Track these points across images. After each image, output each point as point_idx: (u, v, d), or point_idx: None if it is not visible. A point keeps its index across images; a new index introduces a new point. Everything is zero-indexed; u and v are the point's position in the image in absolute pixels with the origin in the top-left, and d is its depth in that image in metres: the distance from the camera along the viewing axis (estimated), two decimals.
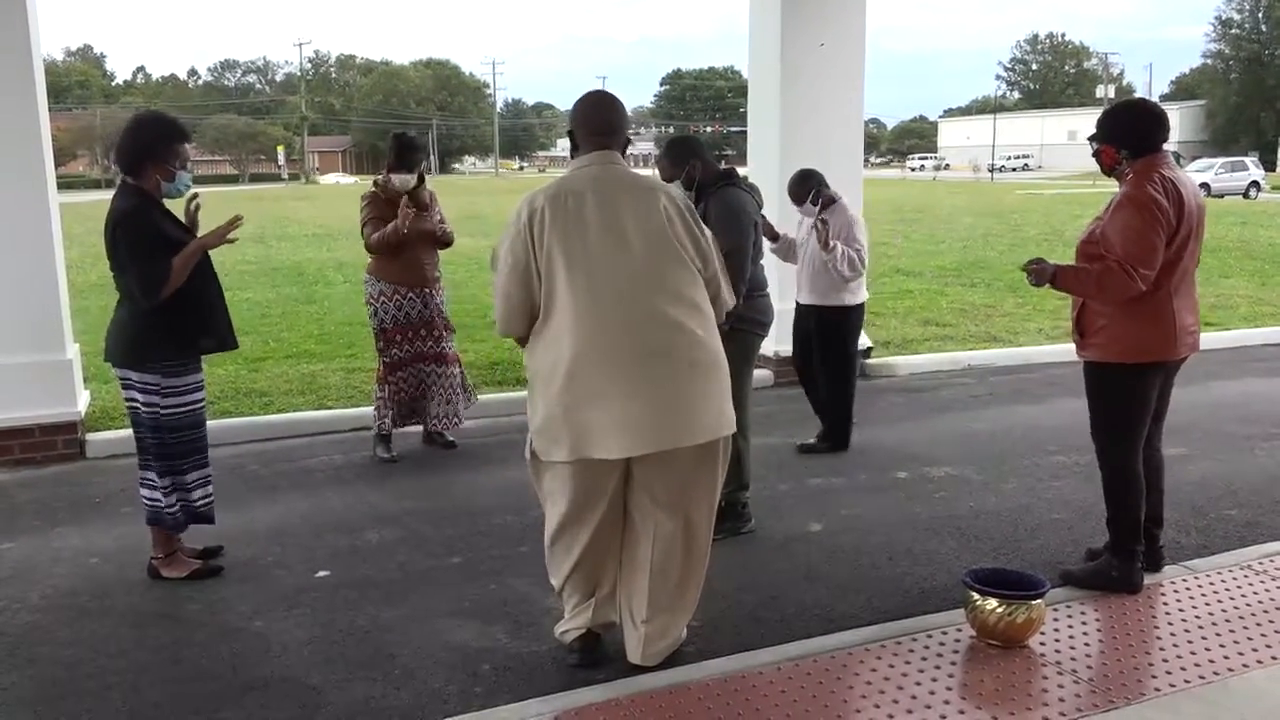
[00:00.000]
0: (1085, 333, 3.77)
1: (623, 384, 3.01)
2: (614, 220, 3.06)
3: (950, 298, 11.46)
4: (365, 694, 3.26)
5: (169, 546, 4.17)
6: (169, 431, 4.01)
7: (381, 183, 5.71)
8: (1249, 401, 6.98)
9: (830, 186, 5.71)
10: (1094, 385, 3.82)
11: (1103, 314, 3.69)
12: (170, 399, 3.98)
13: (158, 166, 3.93)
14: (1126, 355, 3.68)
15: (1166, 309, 3.65)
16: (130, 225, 3.87)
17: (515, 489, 5.08)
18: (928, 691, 3.07)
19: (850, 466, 5.59)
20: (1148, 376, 3.73)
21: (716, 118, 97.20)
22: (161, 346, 3.93)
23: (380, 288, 5.67)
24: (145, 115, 4.14)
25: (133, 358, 3.95)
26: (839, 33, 7.49)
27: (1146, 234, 3.53)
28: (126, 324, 3.96)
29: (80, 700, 3.25)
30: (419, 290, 5.70)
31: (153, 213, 3.94)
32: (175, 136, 4.00)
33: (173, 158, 3.96)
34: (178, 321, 3.94)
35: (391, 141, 5.84)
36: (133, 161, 3.93)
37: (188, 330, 3.99)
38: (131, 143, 3.95)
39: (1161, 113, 3.84)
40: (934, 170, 74.75)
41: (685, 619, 3.40)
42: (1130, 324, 3.64)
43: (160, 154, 3.94)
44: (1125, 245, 3.53)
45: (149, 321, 3.90)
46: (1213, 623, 3.52)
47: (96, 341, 8.69)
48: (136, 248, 3.84)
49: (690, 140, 4.74)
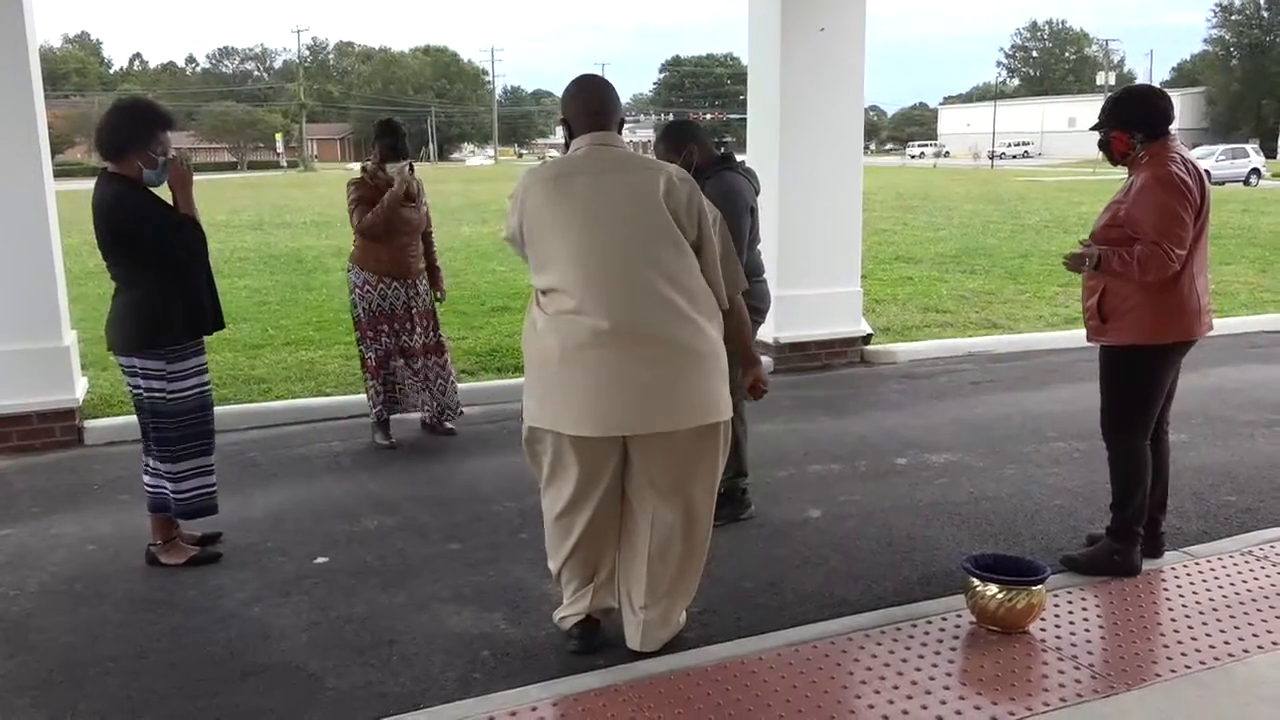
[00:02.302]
0: (1109, 317, 3.75)
1: (611, 363, 2.99)
2: (604, 199, 3.04)
3: (950, 285, 11.44)
4: (364, 680, 3.25)
5: (168, 533, 4.16)
6: (170, 416, 3.99)
7: (371, 169, 5.65)
8: (1250, 388, 6.97)
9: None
10: (1114, 369, 3.81)
11: (1129, 297, 3.68)
12: (175, 383, 3.97)
13: (139, 153, 3.87)
14: (1153, 337, 3.69)
15: (1190, 288, 3.68)
16: (127, 207, 3.84)
17: (514, 476, 5.07)
18: (927, 677, 3.07)
19: (850, 453, 5.58)
20: (1171, 356, 3.76)
21: (716, 105, 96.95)
22: (163, 332, 3.91)
23: (365, 277, 5.60)
24: (127, 101, 4.07)
25: (136, 344, 3.92)
26: (839, 18, 7.44)
27: (1178, 212, 3.55)
28: (125, 312, 3.94)
29: (78, 687, 3.24)
30: (404, 280, 5.64)
31: (140, 195, 3.90)
32: (159, 122, 3.92)
33: (155, 145, 3.89)
34: (175, 306, 3.92)
35: (379, 129, 5.72)
36: (114, 148, 3.87)
37: (186, 314, 3.97)
38: (113, 129, 3.87)
39: (1169, 95, 3.88)
40: (934, 157, 74.65)
41: (684, 605, 3.40)
42: (1157, 305, 3.65)
43: (143, 140, 3.86)
44: (1159, 225, 3.54)
45: (150, 308, 3.89)
46: (1214, 608, 3.51)
47: (94, 328, 8.69)
48: (151, 222, 3.83)
49: (687, 125, 4.70)
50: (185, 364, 4.00)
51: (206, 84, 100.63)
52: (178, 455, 4.04)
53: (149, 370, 3.94)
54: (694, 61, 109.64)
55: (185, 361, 4.00)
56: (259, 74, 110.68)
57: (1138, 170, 3.68)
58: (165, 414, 3.99)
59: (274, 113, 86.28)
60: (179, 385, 3.98)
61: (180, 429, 4.02)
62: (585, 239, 3.02)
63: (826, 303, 7.70)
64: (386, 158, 5.63)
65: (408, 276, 5.66)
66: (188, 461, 4.06)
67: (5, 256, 5.69)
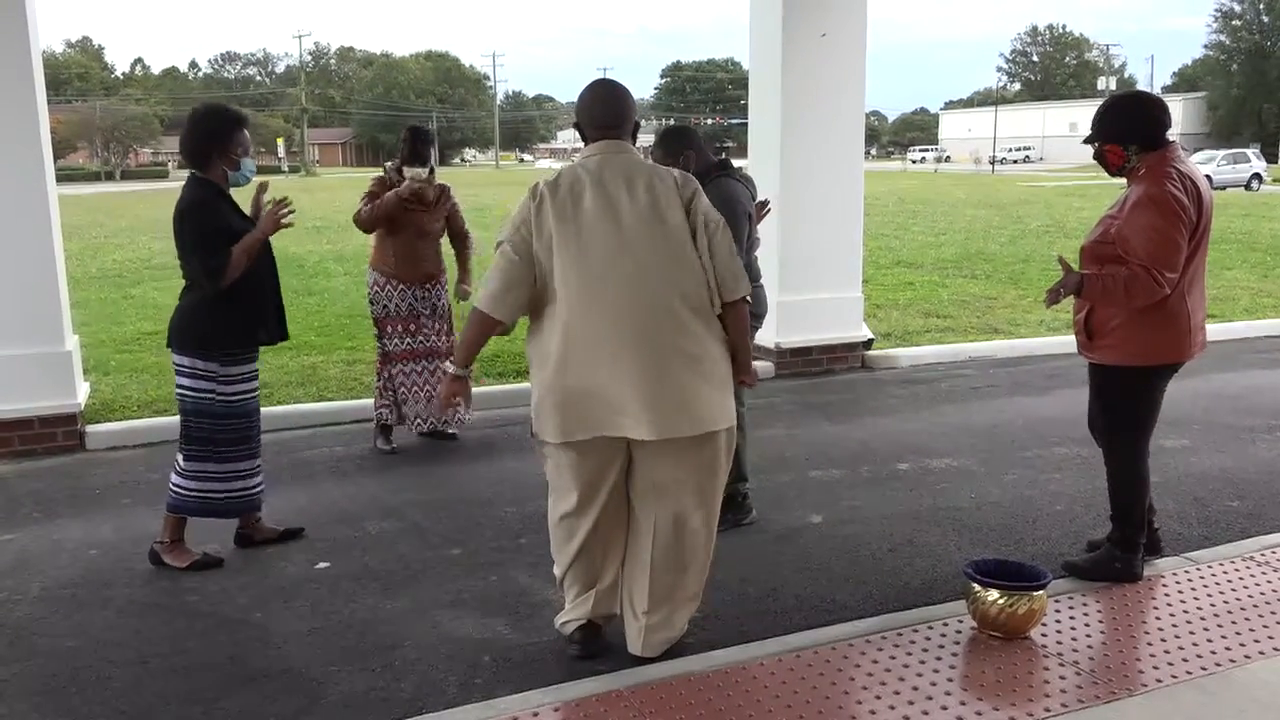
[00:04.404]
0: (1095, 334, 3.67)
1: (614, 371, 3.00)
2: (611, 208, 3.05)
3: (951, 290, 11.44)
4: (366, 685, 3.25)
5: (175, 534, 4.21)
6: (223, 419, 4.08)
7: (391, 170, 5.68)
8: (1251, 393, 6.97)
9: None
10: (1102, 387, 3.77)
11: (1114, 315, 3.59)
12: (226, 387, 4.07)
13: (223, 156, 4.03)
14: (1138, 358, 3.60)
15: (1180, 309, 3.56)
16: (196, 216, 3.98)
17: (516, 481, 5.08)
18: (929, 683, 3.07)
19: (851, 458, 5.58)
20: (1158, 379, 3.67)
21: (717, 110, 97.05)
22: (220, 335, 4.03)
23: (375, 278, 5.67)
24: (203, 108, 4.21)
25: (194, 344, 4.04)
26: (840, 23, 7.46)
27: (1171, 236, 3.41)
28: (189, 311, 4.05)
29: (80, 691, 3.24)
30: (411, 285, 5.66)
31: (219, 204, 4.05)
32: (235, 124, 4.10)
33: (235, 146, 4.05)
34: (236, 312, 4.03)
35: (406, 134, 5.77)
36: (198, 154, 4.03)
37: (246, 321, 4.08)
38: (194, 136, 4.04)
39: (1162, 100, 3.75)
40: (935, 162, 74.64)
41: (688, 612, 3.39)
42: (1143, 326, 3.55)
43: (223, 143, 4.03)
44: (1149, 249, 3.41)
45: (210, 310, 4.00)
46: (1214, 614, 3.51)
47: (96, 333, 8.73)
48: (201, 237, 3.96)
49: (685, 131, 4.71)
50: (239, 369, 4.10)
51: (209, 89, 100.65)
52: (235, 456, 4.13)
53: (199, 370, 4.04)
54: (695, 66, 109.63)
55: (239, 367, 4.10)
56: (261, 79, 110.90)
57: (1135, 183, 3.57)
58: (216, 416, 4.08)
59: (276, 117, 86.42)
60: (231, 389, 4.08)
61: (234, 431, 4.12)
62: (592, 248, 3.02)
63: (828, 308, 7.71)
64: (407, 161, 5.66)
65: (417, 281, 5.67)
66: (241, 463, 4.18)
67: (7, 261, 5.70)
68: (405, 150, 5.68)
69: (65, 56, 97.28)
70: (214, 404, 4.06)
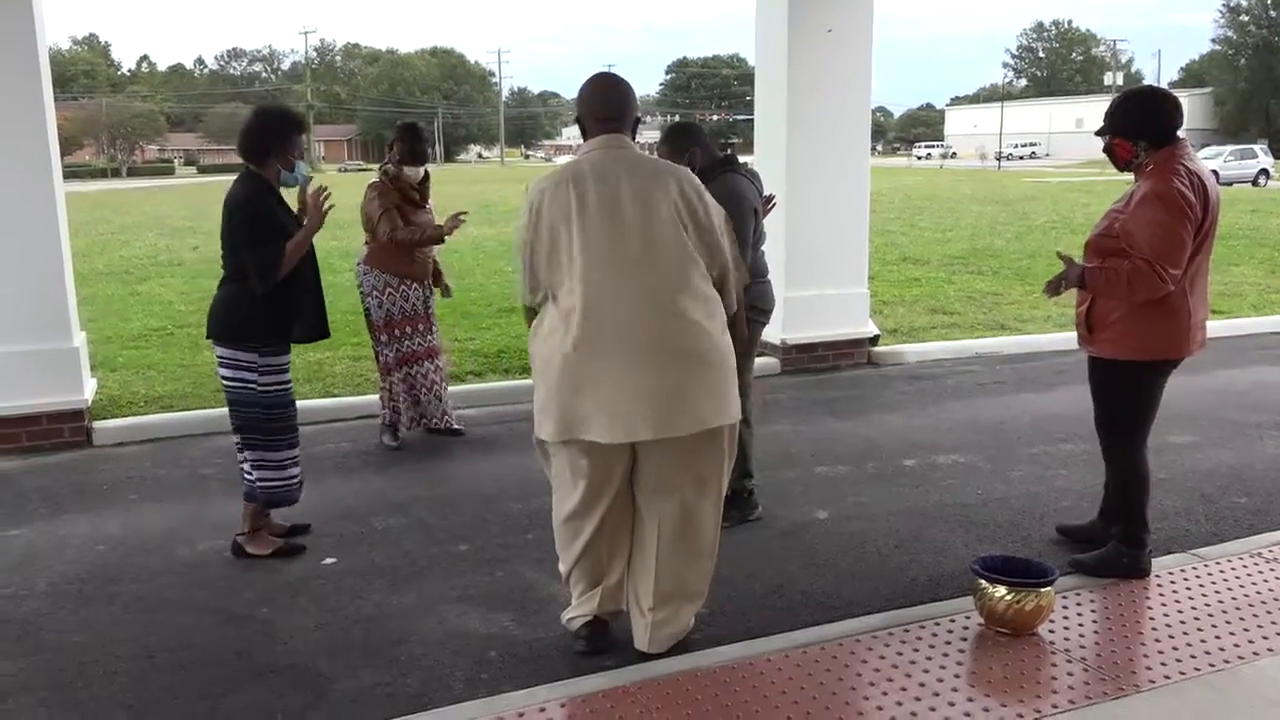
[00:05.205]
0: (1095, 328, 3.69)
1: (617, 369, 3.00)
2: (614, 204, 3.04)
3: (958, 286, 11.42)
4: (372, 681, 3.26)
5: (256, 523, 4.25)
6: (265, 408, 4.12)
7: (393, 173, 5.62)
8: (1258, 390, 6.95)
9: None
10: (1101, 381, 3.77)
11: (1115, 309, 3.60)
12: (265, 376, 4.10)
13: (280, 156, 4.10)
14: (1138, 353, 3.61)
15: (1181, 305, 3.56)
16: (248, 210, 4.03)
17: (521, 476, 5.08)
18: (936, 679, 3.06)
19: (858, 454, 5.57)
20: (1158, 374, 3.67)
21: (722, 106, 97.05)
22: (258, 327, 4.06)
23: (385, 279, 5.59)
24: (265, 108, 4.25)
25: (225, 335, 4.08)
26: (846, 19, 7.44)
27: (1176, 232, 3.42)
28: (228, 303, 4.09)
29: (87, 686, 3.25)
30: (422, 283, 5.69)
31: (269, 199, 4.10)
32: (296, 126, 4.22)
33: (292, 148, 4.14)
34: (274, 305, 4.06)
35: (402, 132, 5.68)
36: (257, 150, 4.09)
37: (282, 315, 4.10)
38: (256, 132, 4.10)
39: (1176, 98, 3.73)
40: (941, 158, 74.52)
41: (694, 608, 3.38)
42: (1143, 321, 3.56)
43: (283, 143, 4.10)
44: (1154, 244, 3.42)
45: (250, 302, 4.03)
46: (1222, 610, 3.50)
47: (103, 329, 8.74)
48: (254, 232, 4.01)
49: (690, 127, 4.70)
50: (277, 359, 4.13)
51: (215, 86, 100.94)
52: (275, 445, 4.17)
53: (238, 360, 4.07)
54: (700, 63, 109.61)
55: (277, 357, 4.14)
56: (267, 75, 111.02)
57: (1142, 179, 3.57)
58: (259, 405, 4.11)
59: None
60: (268, 380, 4.11)
61: (276, 420, 4.15)
62: (595, 245, 3.02)
63: (834, 304, 7.70)
64: (406, 161, 5.62)
65: (425, 278, 5.71)
66: (284, 451, 4.20)
67: (15, 257, 5.71)
68: (404, 150, 5.62)
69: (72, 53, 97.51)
70: (255, 394, 4.09)
